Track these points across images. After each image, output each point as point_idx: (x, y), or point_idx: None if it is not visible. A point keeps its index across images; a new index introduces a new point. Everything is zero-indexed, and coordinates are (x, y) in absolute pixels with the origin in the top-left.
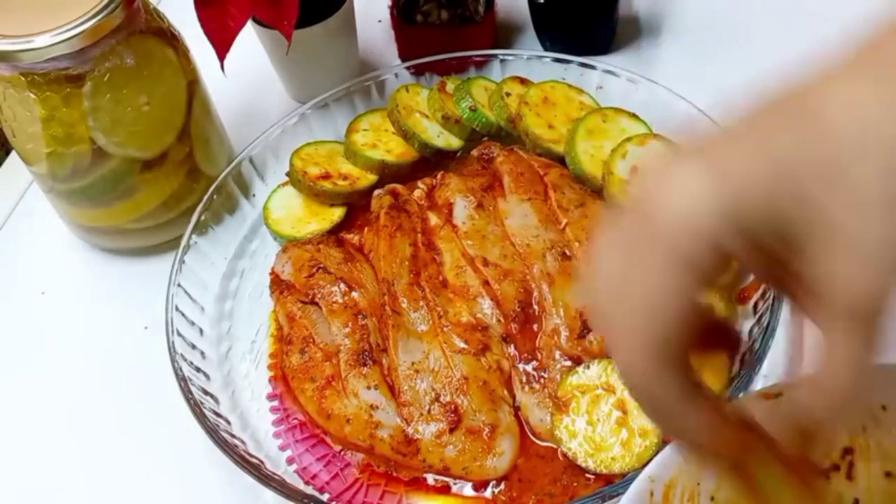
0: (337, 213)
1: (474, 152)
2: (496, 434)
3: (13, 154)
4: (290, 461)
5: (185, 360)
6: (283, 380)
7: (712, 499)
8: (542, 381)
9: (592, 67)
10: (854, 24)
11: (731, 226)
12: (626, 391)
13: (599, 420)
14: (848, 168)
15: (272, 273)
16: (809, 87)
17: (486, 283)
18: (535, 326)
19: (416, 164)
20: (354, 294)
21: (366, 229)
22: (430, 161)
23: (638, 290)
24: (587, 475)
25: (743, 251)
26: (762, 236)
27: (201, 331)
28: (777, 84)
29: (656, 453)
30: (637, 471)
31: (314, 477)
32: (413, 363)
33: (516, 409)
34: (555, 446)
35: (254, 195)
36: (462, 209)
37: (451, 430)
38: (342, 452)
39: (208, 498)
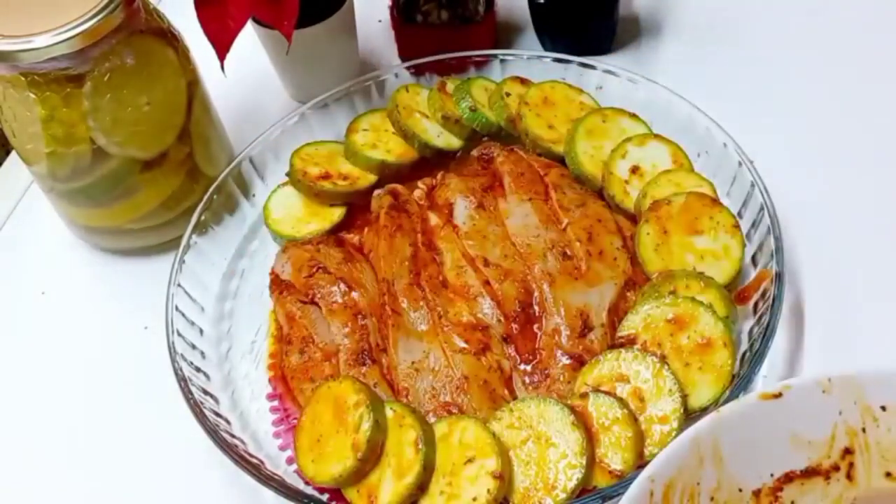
0: (337, 213)
1: (474, 152)
2: None
3: (13, 154)
4: (290, 461)
5: (185, 360)
6: (282, 380)
7: (712, 499)
8: (543, 380)
9: (592, 67)
10: (853, 24)
11: None
12: (641, 380)
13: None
14: None
15: (272, 273)
16: None
17: (486, 283)
18: (535, 326)
19: (416, 164)
20: (354, 294)
21: (366, 229)
22: (430, 161)
23: None
24: None
25: None
26: None
27: (201, 331)
28: None
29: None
30: (637, 471)
31: None
32: (413, 363)
33: None
34: None
35: (254, 195)
36: (462, 209)
37: None
38: None
39: (208, 498)
